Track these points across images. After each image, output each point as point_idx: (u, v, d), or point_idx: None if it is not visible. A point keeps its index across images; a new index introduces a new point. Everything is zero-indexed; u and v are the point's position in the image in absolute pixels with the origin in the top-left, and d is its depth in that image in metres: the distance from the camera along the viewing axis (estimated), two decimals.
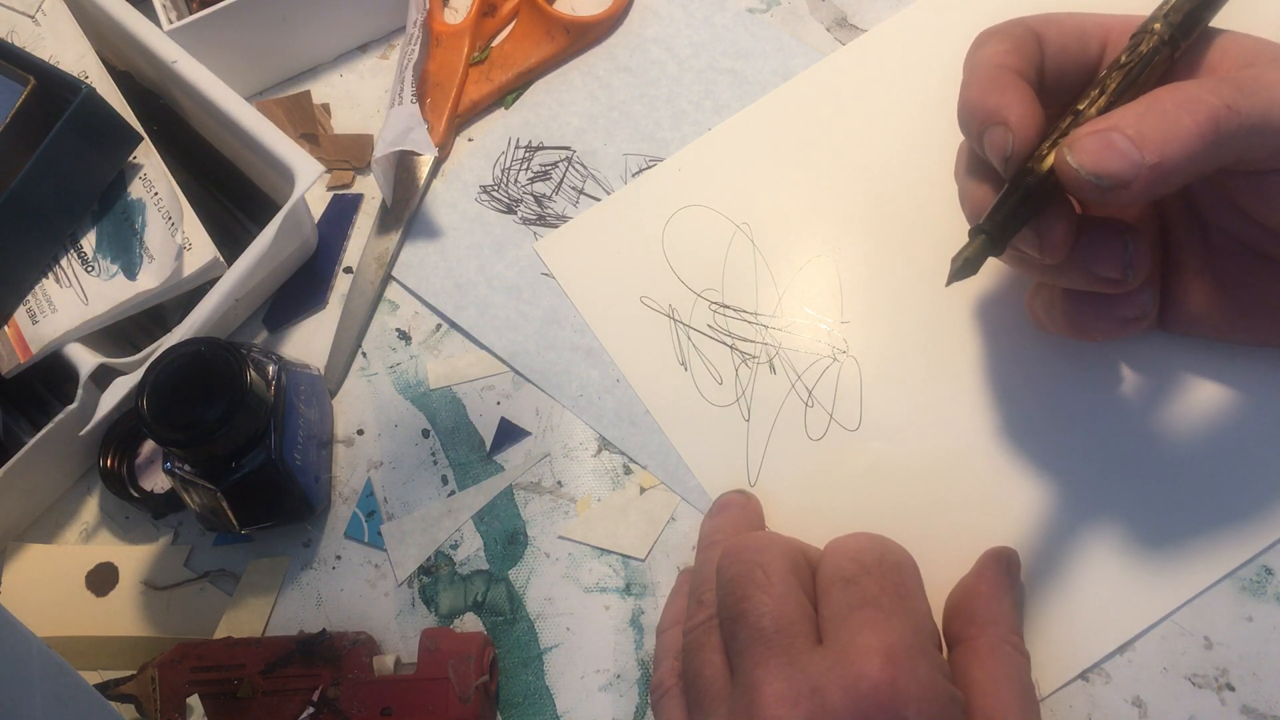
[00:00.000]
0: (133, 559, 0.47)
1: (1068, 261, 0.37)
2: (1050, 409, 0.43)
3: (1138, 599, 0.40)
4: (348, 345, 0.50)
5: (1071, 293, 0.40)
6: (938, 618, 0.39)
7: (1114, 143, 0.33)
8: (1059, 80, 0.38)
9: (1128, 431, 0.42)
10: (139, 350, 0.46)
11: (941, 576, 0.40)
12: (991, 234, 0.36)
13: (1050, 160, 0.35)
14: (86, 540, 0.49)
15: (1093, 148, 0.33)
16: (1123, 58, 0.36)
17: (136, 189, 0.48)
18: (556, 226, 0.50)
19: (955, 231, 0.40)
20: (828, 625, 0.34)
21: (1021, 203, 0.35)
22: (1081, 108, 0.36)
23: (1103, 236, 0.37)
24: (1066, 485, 0.42)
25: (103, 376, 0.46)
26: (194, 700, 0.42)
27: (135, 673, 0.43)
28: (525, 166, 0.52)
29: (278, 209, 0.46)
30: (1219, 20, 0.37)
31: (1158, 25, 0.36)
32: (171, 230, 0.46)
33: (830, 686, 0.32)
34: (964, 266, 0.36)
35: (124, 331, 0.50)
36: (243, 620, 0.46)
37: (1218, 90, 0.33)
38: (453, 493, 0.47)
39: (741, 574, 0.36)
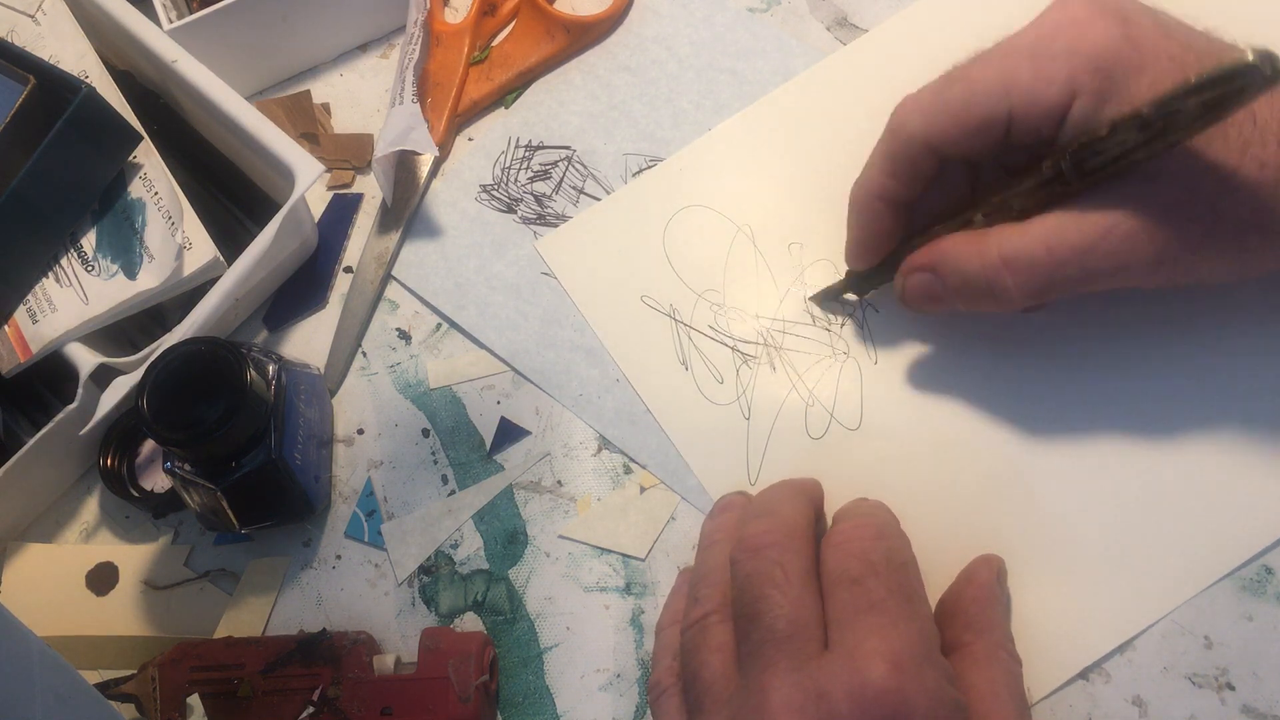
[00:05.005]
0: (133, 558, 0.47)
1: None
2: (1051, 408, 0.43)
3: (1138, 598, 0.40)
4: (348, 345, 0.50)
5: None
6: None
7: (931, 295, 0.40)
8: (1002, 153, 0.38)
9: (1129, 431, 0.42)
10: (139, 350, 0.46)
11: (942, 576, 0.40)
12: (858, 288, 0.45)
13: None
14: (86, 540, 0.49)
15: (915, 294, 0.41)
16: (1026, 183, 0.37)
17: (136, 188, 0.48)
18: (556, 226, 0.50)
19: None
20: (834, 627, 0.34)
21: (881, 282, 0.44)
22: (975, 216, 0.39)
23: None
24: (1067, 484, 0.42)
25: (103, 376, 0.46)
26: (194, 700, 0.42)
27: (135, 672, 0.43)
28: (525, 166, 0.52)
29: (278, 208, 0.46)
30: None
31: (1049, 164, 0.36)
32: (171, 230, 0.46)
33: (836, 692, 0.32)
34: (824, 295, 0.46)
35: (124, 331, 0.50)
36: (243, 620, 0.46)
37: (1050, 257, 0.37)
38: (453, 492, 0.47)
39: (760, 571, 0.36)
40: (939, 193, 0.41)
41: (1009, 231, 0.38)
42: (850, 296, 0.46)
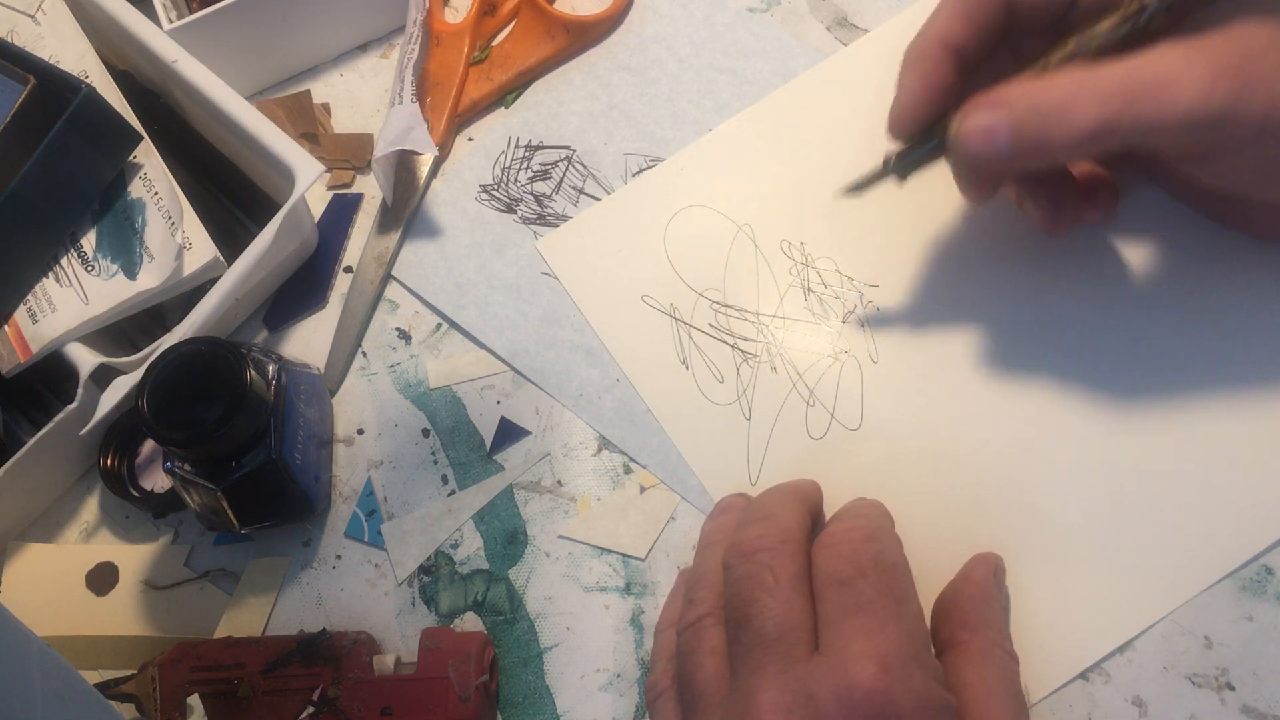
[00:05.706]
0: (133, 558, 0.47)
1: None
2: (1051, 409, 0.43)
3: (1138, 598, 0.40)
4: (348, 345, 0.50)
5: (1044, 197, 0.42)
6: (927, 617, 0.39)
7: (992, 131, 0.36)
8: (1060, 11, 0.38)
9: (1130, 431, 0.42)
10: (139, 350, 0.46)
11: (941, 575, 0.40)
12: (899, 168, 0.41)
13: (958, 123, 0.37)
14: (86, 540, 0.49)
15: (973, 130, 0.37)
16: (1102, 25, 0.36)
17: (136, 188, 0.48)
18: (556, 226, 0.50)
19: (958, 230, 0.40)
20: (823, 629, 0.34)
21: (929, 154, 0.40)
22: (1048, 60, 0.37)
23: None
24: (1068, 484, 0.42)
25: (103, 376, 0.46)
26: (194, 700, 0.42)
27: (135, 672, 0.43)
28: (525, 166, 0.52)
29: (278, 208, 0.46)
30: None
31: None
32: (171, 230, 0.46)
33: (824, 694, 0.32)
34: (860, 185, 0.42)
35: (124, 331, 0.50)
36: (243, 620, 0.46)
37: (1126, 88, 0.34)
38: (453, 492, 0.47)
39: (750, 575, 0.36)
40: (987, 78, 0.39)
41: (1079, 67, 0.36)
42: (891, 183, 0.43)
